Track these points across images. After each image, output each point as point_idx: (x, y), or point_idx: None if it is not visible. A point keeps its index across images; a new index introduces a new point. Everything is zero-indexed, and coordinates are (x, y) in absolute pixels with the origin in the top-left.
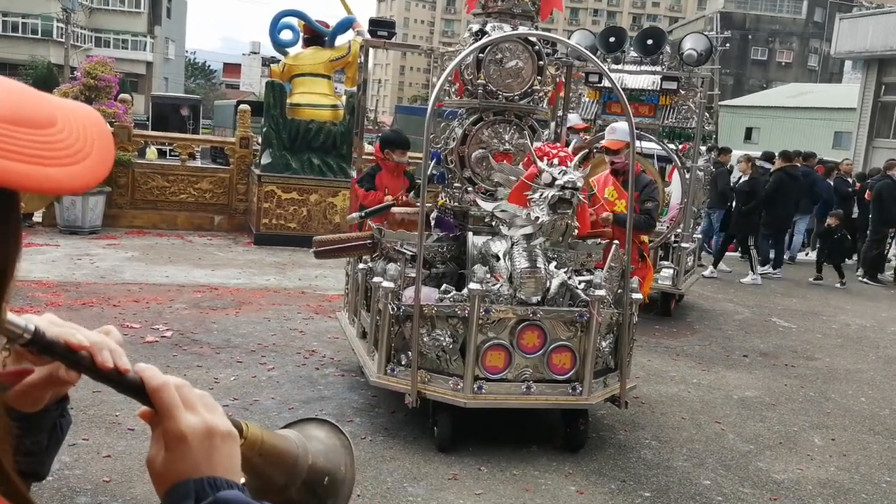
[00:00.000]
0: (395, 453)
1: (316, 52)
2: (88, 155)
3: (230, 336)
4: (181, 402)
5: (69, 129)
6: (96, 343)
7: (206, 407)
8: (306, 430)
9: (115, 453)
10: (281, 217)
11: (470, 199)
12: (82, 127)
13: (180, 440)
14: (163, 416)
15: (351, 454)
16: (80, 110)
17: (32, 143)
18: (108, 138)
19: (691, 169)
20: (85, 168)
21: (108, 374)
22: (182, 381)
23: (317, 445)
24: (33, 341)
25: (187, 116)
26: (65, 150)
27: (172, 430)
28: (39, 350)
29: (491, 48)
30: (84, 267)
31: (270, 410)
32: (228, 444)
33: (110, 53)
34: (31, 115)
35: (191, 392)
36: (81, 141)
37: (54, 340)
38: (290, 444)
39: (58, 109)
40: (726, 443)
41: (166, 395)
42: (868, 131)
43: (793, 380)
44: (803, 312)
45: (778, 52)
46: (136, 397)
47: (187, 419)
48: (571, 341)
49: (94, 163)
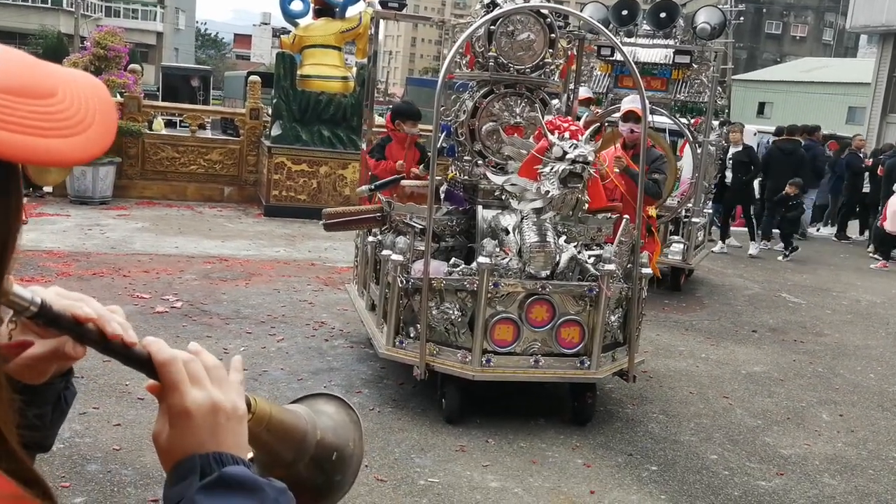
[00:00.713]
0: (403, 424)
1: (326, 24)
2: (90, 126)
3: (240, 307)
4: (188, 376)
5: (70, 99)
6: (104, 316)
7: (216, 381)
8: (315, 405)
9: (125, 422)
10: (291, 189)
11: (480, 173)
12: (84, 97)
13: (185, 416)
14: (168, 391)
15: (359, 430)
16: (82, 79)
17: (32, 113)
18: (110, 108)
19: (703, 144)
20: (86, 139)
21: (115, 347)
22: (191, 355)
23: (325, 421)
24: (39, 314)
25: (197, 87)
26: (66, 121)
27: (177, 405)
28: (46, 323)
29: (502, 20)
30: (94, 237)
31: (279, 381)
32: (234, 420)
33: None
34: (30, 84)
35: (198, 367)
36: (83, 111)
37: (61, 313)
38: (298, 419)
39: (58, 79)
40: (734, 418)
41: (173, 370)
42: (882, 106)
43: (801, 355)
44: (813, 288)
45: (792, 25)
46: (143, 370)
47: (192, 395)
48: (580, 315)
49: (96, 133)
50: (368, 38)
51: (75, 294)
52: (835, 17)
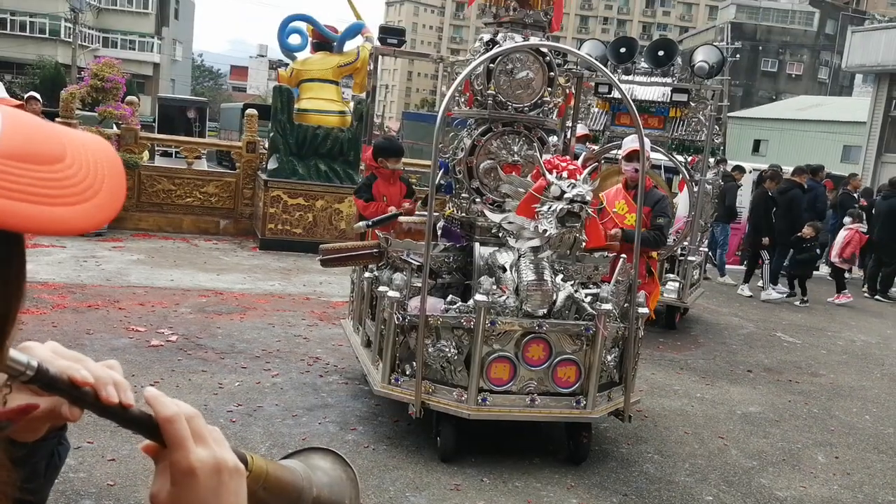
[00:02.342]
0: (398, 462)
1: (324, 58)
2: (98, 192)
3: (235, 341)
4: (191, 434)
5: (79, 163)
6: (101, 378)
7: (216, 441)
8: (311, 461)
9: (119, 457)
10: (287, 222)
11: (477, 210)
12: (93, 161)
13: (189, 474)
14: (172, 448)
15: (356, 487)
16: (91, 142)
17: (39, 180)
18: (119, 173)
19: (699, 182)
20: (94, 206)
21: (113, 410)
22: (194, 411)
23: (321, 477)
24: (36, 378)
25: (194, 119)
26: (73, 188)
27: (181, 463)
28: (42, 387)
29: (501, 58)
30: (90, 269)
31: (274, 417)
32: (236, 479)
33: (117, 54)
34: (37, 150)
35: (202, 424)
36: (91, 176)
37: (57, 376)
38: (294, 476)
39: (67, 142)
40: (729, 458)
41: (178, 427)
42: (878, 146)
43: (797, 396)
44: (808, 328)
45: (788, 63)
46: (141, 432)
47: (197, 453)
48: (577, 354)
49: (104, 200)
50: (368, 74)
51: (72, 353)
52: (830, 56)
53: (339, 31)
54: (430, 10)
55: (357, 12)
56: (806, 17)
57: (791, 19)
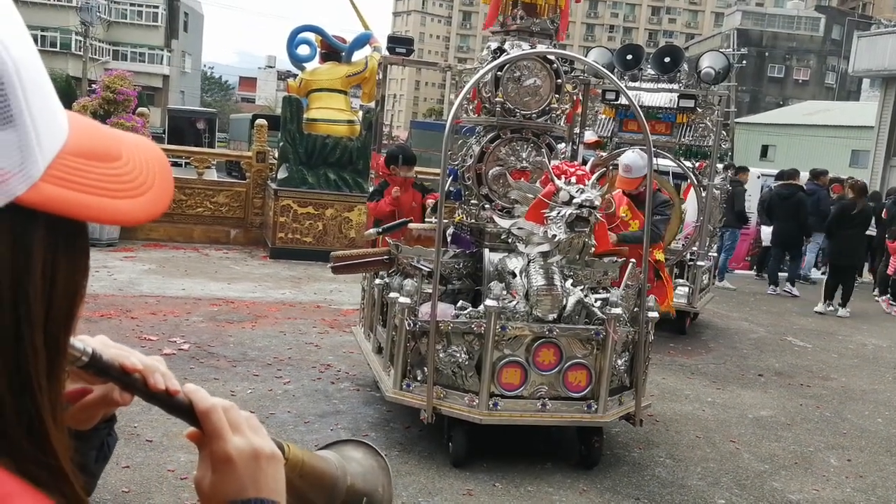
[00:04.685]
0: (410, 468)
1: (333, 68)
2: (151, 187)
3: (246, 349)
4: (228, 424)
5: (133, 161)
6: (148, 366)
7: (252, 429)
8: (344, 452)
9: (133, 464)
10: (297, 231)
11: (487, 216)
12: (145, 160)
13: (227, 462)
14: (210, 438)
15: (388, 475)
16: (143, 143)
17: (104, 176)
18: (167, 170)
19: (707, 187)
20: (148, 199)
21: (159, 396)
22: (229, 403)
23: (355, 467)
24: (90, 364)
25: (203, 130)
26: (131, 182)
27: (219, 451)
28: (96, 372)
29: (509, 66)
30: (102, 279)
31: (286, 424)
32: (273, 465)
33: (127, 66)
34: (100, 148)
35: (237, 414)
36: (144, 173)
37: (110, 363)
38: (329, 465)
39: (122, 143)
40: (741, 462)
41: (214, 417)
42: (886, 150)
43: (808, 399)
44: (819, 332)
45: (795, 69)
46: (185, 418)
47: (234, 441)
48: (587, 359)
49: (156, 195)
50: (376, 83)
51: (119, 346)
52: (837, 61)
53: (347, 42)
54: (437, 20)
55: (365, 23)
56: (812, 23)
57: (797, 25)
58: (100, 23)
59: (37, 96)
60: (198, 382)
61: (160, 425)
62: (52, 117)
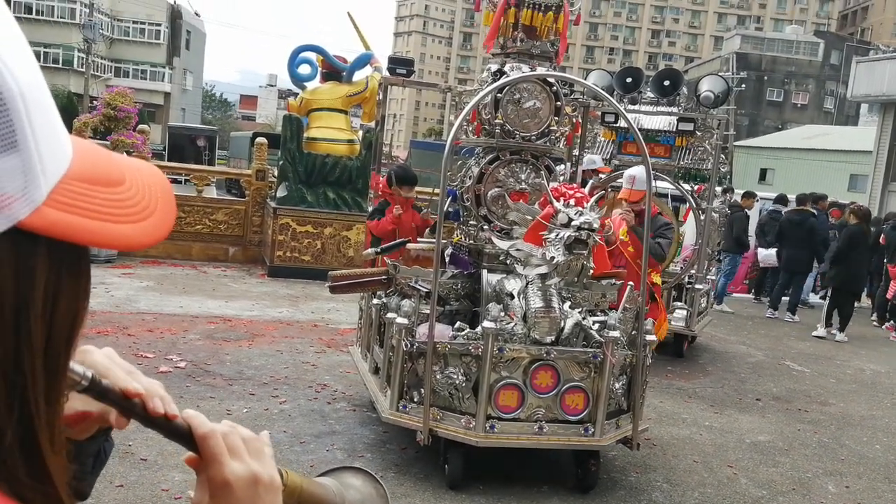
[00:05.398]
0: (406, 490)
1: (333, 87)
2: (153, 212)
3: (243, 368)
4: (227, 449)
5: (136, 186)
6: (148, 390)
7: (253, 453)
8: (343, 479)
9: (127, 483)
10: (295, 250)
11: (485, 237)
12: (147, 184)
13: (225, 487)
14: (208, 463)
15: (386, 503)
16: (145, 168)
17: (107, 201)
18: (170, 195)
19: (706, 210)
20: (151, 224)
21: (158, 421)
22: (229, 427)
23: (353, 494)
24: (90, 388)
25: (203, 147)
26: (133, 207)
27: (217, 477)
28: (95, 396)
29: (509, 88)
30: (99, 295)
31: (282, 444)
32: (271, 492)
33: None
34: (103, 173)
35: (237, 439)
36: (147, 198)
37: (109, 388)
38: (327, 492)
39: (125, 168)
40: (738, 487)
41: (212, 443)
42: (884, 175)
43: (806, 425)
44: (817, 356)
45: (794, 93)
46: (183, 443)
47: (232, 467)
48: (585, 382)
49: (159, 219)
50: (377, 103)
51: (126, 365)
52: (835, 86)
53: (348, 62)
54: (438, 41)
55: (366, 43)
56: (811, 48)
57: (796, 50)
58: (102, 40)
59: (41, 121)
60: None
61: (155, 444)
62: (55, 142)
